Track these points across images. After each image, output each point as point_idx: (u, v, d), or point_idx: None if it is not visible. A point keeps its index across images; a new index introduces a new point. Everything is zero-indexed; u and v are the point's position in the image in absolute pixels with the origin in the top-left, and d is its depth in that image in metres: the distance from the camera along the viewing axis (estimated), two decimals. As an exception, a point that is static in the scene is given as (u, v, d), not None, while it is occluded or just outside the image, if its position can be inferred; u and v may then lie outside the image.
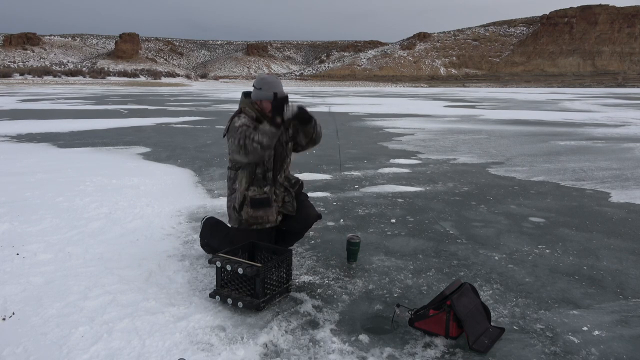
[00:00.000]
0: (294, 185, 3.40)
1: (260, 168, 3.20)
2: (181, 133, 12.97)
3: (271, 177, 3.25)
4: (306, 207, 3.43)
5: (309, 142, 3.37)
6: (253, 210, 3.19)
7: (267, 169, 3.22)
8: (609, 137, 12.78)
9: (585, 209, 5.34)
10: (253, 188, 3.21)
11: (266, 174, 3.23)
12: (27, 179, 6.34)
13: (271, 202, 3.22)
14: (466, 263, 3.62)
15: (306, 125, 3.24)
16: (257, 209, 3.19)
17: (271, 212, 3.22)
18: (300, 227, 3.46)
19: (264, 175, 3.22)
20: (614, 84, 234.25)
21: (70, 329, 2.53)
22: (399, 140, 11.69)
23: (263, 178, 3.22)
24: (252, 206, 3.19)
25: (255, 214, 3.20)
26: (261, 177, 3.22)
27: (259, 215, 3.21)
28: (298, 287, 3.13)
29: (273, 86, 3.17)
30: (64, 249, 3.71)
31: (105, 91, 65.98)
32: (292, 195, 3.35)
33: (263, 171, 3.22)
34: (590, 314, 2.83)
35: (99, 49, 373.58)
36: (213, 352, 2.37)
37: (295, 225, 3.43)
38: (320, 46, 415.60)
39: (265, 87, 3.17)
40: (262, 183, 3.23)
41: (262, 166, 3.20)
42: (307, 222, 3.45)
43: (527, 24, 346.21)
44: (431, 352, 2.41)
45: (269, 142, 2.99)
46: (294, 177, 3.47)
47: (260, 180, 3.22)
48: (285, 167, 3.36)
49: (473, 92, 77.34)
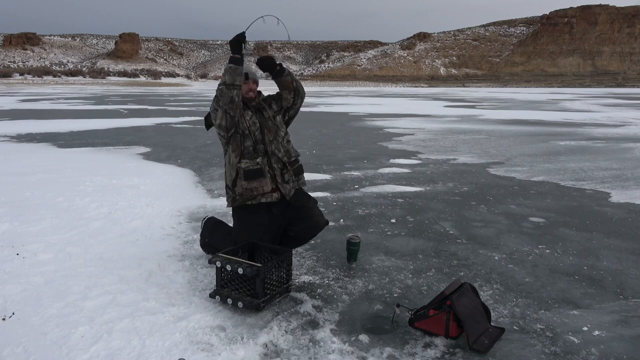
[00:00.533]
0: (294, 163, 3.31)
1: (249, 140, 3.16)
2: (181, 133, 12.97)
3: (262, 149, 3.18)
4: (315, 215, 3.36)
5: (294, 94, 3.33)
6: (247, 182, 3.14)
7: (256, 141, 3.17)
8: (609, 137, 12.78)
9: (585, 209, 5.34)
10: (245, 160, 3.16)
11: (256, 146, 3.17)
12: (27, 179, 6.34)
13: (265, 172, 3.15)
14: (466, 263, 3.62)
15: (277, 73, 3.27)
16: (250, 180, 3.13)
17: (265, 182, 3.15)
18: (308, 234, 3.41)
19: (254, 147, 3.17)
20: (614, 84, 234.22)
21: (70, 329, 2.53)
22: (399, 140, 11.69)
23: (254, 150, 3.17)
24: (246, 178, 3.13)
25: (249, 186, 3.14)
26: (252, 149, 3.17)
27: (254, 187, 3.14)
28: (298, 287, 3.14)
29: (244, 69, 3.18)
30: (64, 249, 3.71)
31: (105, 91, 65.97)
32: (291, 174, 3.26)
33: (253, 143, 3.17)
34: (590, 314, 2.83)
35: (99, 49, 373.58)
36: (213, 352, 2.37)
37: (303, 232, 3.37)
38: (320, 46, 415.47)
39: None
40: (254, 155, 3.17)
41: (250, 138, 3.16)
42: (316, 230, 3.39)
43: (527, 24, 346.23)
44: (431, 352, 2.41)
45: (231, 79, 3.02)
46: (295, 155, 3.37)
47: (252, 153, 3.17)
48: (280, 140, 3.27)
49: (473, 92, 77.34)
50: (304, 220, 3.31)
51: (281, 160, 3.24)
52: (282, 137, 3.30)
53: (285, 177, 3.24)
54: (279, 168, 3.22)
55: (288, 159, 3.28)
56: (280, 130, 3.30)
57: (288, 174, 3.25)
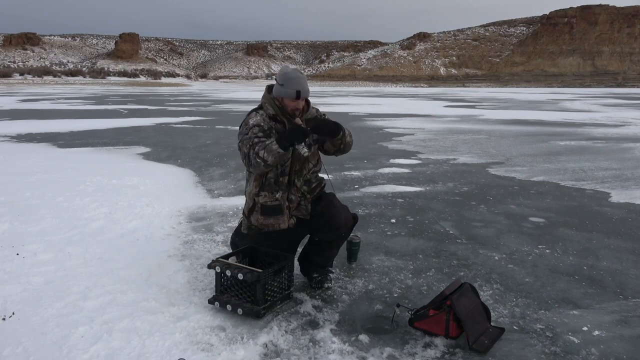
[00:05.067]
0: (313, 190, 3.07)
1: (273, 172, 2.93)
2: (181, 133, 12.97)
3: (285, 182, 2.96)
4: (334, 214, 3.03)
5: (337, 151, 3.09)
6: (263, 218, 2.95)
7: (281, 173, 2.94)
8: (609, 137, 12.78)
9: (585, 209, 5.34)
10: (264, 193, 2.94)
11: (279, 179, 2.94)
12: (27, 179, 6.34)
13: (283, 210, 2.94)
14: (466, 263, 3.62)
15: (333, 138, 2.96)
16: (267, 216, 2.94)
17: (283, 219, 2.95)
18: (333, 236, 3.08)
19: (277, 179, 2.94)
20: (614, 84, 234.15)
21: (70, 329, 2.52)
22: (399, 140, 11.69)
23: (275, 183, 2.94)
24: (262, 213, 2.94)
25: (265, 222, 2.96)
26: (273, 181, 2.94)
27: (270, 223, 2.96)
28: (298, 287, 3.13)
29: (295, 82, 2.87)
30: (64, 249, 3.71)
31: (105, 91, 65.97)
32: (308, 202, 3.04)
33: (276, 175, 2.94)
34: (590, 314, 2.83)
35: (99, 49, 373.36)
36: (213, 352, 2.37)
37: (326, 236, 3.07)
38: (320, 46, 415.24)
39: (287, 84, 2.87)
40: (274, 188, 2.94)
41: (275, 170, 2.92)
42: (339, 231, 3.07)
43: (527, 24, 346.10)
44: (431, 352, 2.41)
45: (273, 161, 2.74)
46: (316, 180, 3.13)
47: (272, 185, 2.94)
48: (305, 172, 3.03)
49: (473, 92, 77.33)
50: (324, 225, 3.04)
51: (300, 190, 3.01)
52: (308, 169, 3.05)
53: (302, 203, 3.03)
54: (297, 200, 3.01)
55: (308, 188, 3.05)
56: (309, 162, 3.04)
57: (305, 201, 3.03)
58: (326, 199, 3.10)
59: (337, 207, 3.08)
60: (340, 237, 3.14)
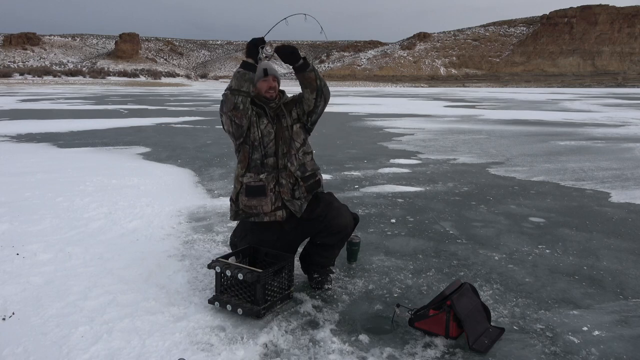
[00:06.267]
0: (307, 178, 3.00)
1: (258, 152, 2.93)
2: (181, 133, 12.97)
3: (272, 162, 2.93)
4: (334, 217, 2.97)
5: (317, 95, 2.96)
6: (247, 199, 2.92)
7: (266, 154, 2.93)
8: (609, 137, 12.78)
9: (585, 209, 5.34)
10: (249, 174, 2.93)
11: (264, 160, 2.93)
12: (27, 179, 6.34)
13: (267, 192, 2.89)
14: (466, 263, 3.62)
15: (299, 67, 2.91)
16: (250, 197, 2.91)
17: (265, 201, 2.89)
18: (334, 240, 3.04)
19: (262, 161, 2.93)
20: (614, 84, 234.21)
21: (70, 329, 2.52)
22: (399, 140, 11.69)
23: (261, 164, 2.93)
24: (247, 194, 2.92)
25: (249, 203, 2.92)
26: (259, 162, 2.93)
27: (253, 205, 2.92)
28: (298, 287, 3.13)
29: (263, 65, 2.95)
30: (64, 249, 3.71)
31: (105, 91, 65.98)
32: (303, 191, 2.97)
33: (261, 156, 2.93)
34: (590, 314, 2.83)
35: (99, 49, 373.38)
36: (213, 352, 2.37)
37: (328, 239, 3.03)
38: (320, 46, 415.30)
39: (257, 70, 2.93)
40: (260, 170, 2.93)
41: (259, 150, 2.93)
42: (340, 235, 3.03)
43: (527, 24, 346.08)
44: (431, 352, 2.41)
45: (237, 84, 2.80)
46: (312, 169, 3.06)
47: (258, 167, 2.93)
48: (294, 152, 2.98)
49: (473, 92, 77.33)
50: (324, 229, 3.00)
51: (293, 175, 2.96)
52: (296, 148, 2.99)
53: (296, 193, 2.96)
54: (290, 184, 2.95)
55: (302, 174, 2.98)
56: (295, 141, 3.00)
57: (299, 190, 2.97)
58: (324, 201, 3.05)
59: (336, 208, 3.03)
60: (343, 240, 3.11)
